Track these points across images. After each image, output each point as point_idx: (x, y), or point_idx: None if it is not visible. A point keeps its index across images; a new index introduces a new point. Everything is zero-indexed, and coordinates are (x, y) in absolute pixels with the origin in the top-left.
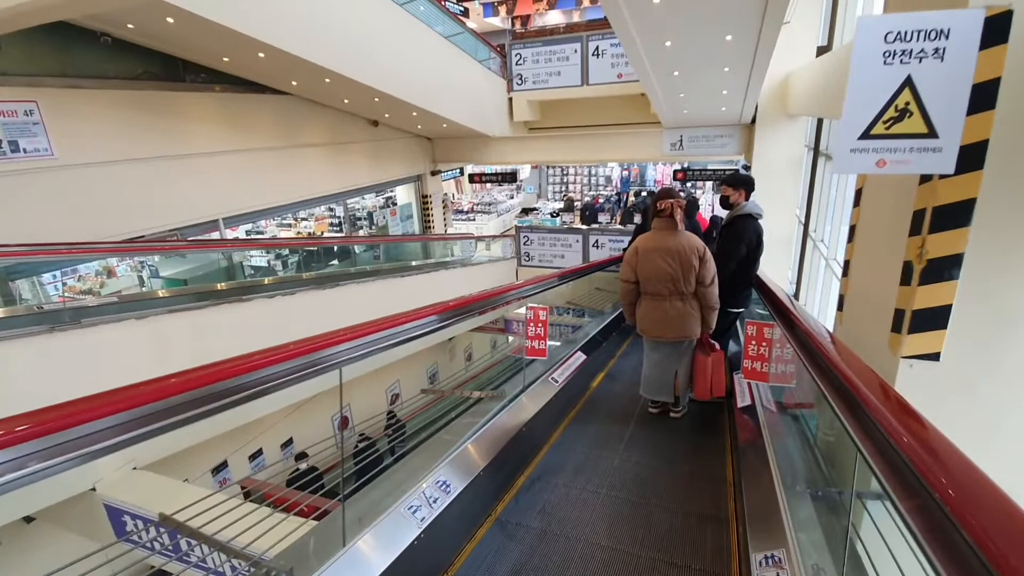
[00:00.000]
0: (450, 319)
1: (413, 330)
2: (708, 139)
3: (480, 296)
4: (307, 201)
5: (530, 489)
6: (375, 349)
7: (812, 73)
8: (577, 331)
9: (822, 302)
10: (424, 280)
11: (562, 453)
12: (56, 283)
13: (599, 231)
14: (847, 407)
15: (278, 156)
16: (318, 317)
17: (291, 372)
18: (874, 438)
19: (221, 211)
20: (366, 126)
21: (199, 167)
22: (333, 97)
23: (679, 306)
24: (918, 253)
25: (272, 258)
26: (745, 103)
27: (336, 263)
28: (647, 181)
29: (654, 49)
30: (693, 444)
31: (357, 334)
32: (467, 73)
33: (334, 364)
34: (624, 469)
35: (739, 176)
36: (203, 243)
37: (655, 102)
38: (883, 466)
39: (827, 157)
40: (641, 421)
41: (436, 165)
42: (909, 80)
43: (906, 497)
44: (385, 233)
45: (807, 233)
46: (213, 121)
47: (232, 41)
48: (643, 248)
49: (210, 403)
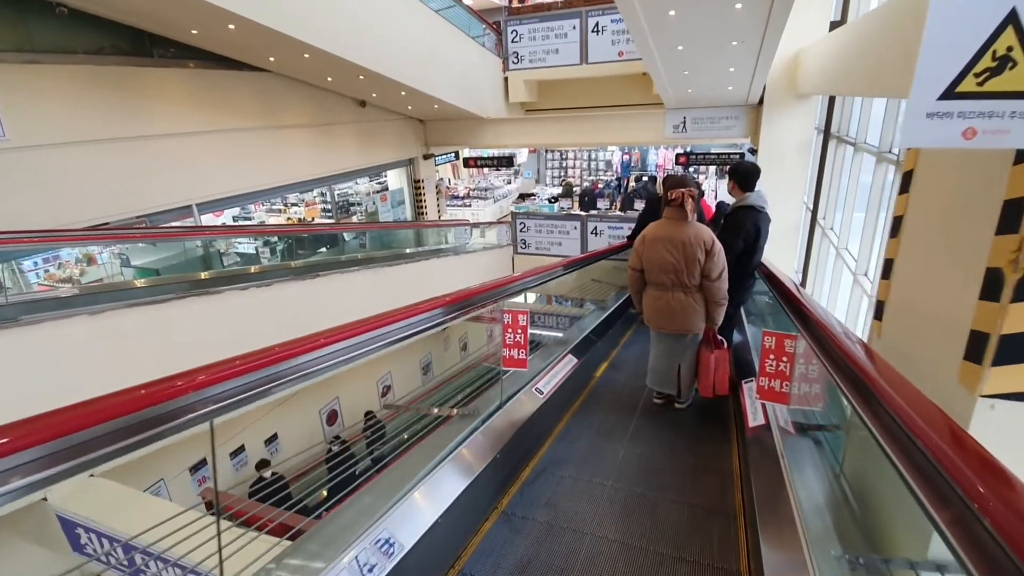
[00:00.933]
0: (418, 327)
1: (376, 339)
2: (713, 121)
3: (456, 297)
4: (291, 185)
5: (534, 483)
6: (336, 362)
7: (825, 48)
8: (571, 327)
9: (831, 293)
10: (414, 269)
11: (567, 444)
12: (37, 270)
13: (598, 217)
14: (902, 455)
15: (258, 137)
16: (294, 310)
17: (236, 393)
18: (949, 503)
19: (194, 196)
20: (353, 106)
21: (170, 149)
22: (316, 75)
23: (681, 298)
24: (1013, 259)
25: (260, 245)
26: (753, 81)
27: (325, 251)
28: (648, 166)
29: (657, 19)
30: (698, 436)
31: (314, 344)
32: (460, 50)
33: (288, 381)
34: (629, 461)
35: (737, 166)
36: (177, 231)
37: (658, 81)
38: (967, 548)
39: (838, 140)
40: (646, 412)
41: (429, 148)
42: (1014, 15)
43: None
44: (375, 220)
45: (815, 220)
46: (185, 99)
47: (197, 11)
48: (650, 237)
49: (136, 434)
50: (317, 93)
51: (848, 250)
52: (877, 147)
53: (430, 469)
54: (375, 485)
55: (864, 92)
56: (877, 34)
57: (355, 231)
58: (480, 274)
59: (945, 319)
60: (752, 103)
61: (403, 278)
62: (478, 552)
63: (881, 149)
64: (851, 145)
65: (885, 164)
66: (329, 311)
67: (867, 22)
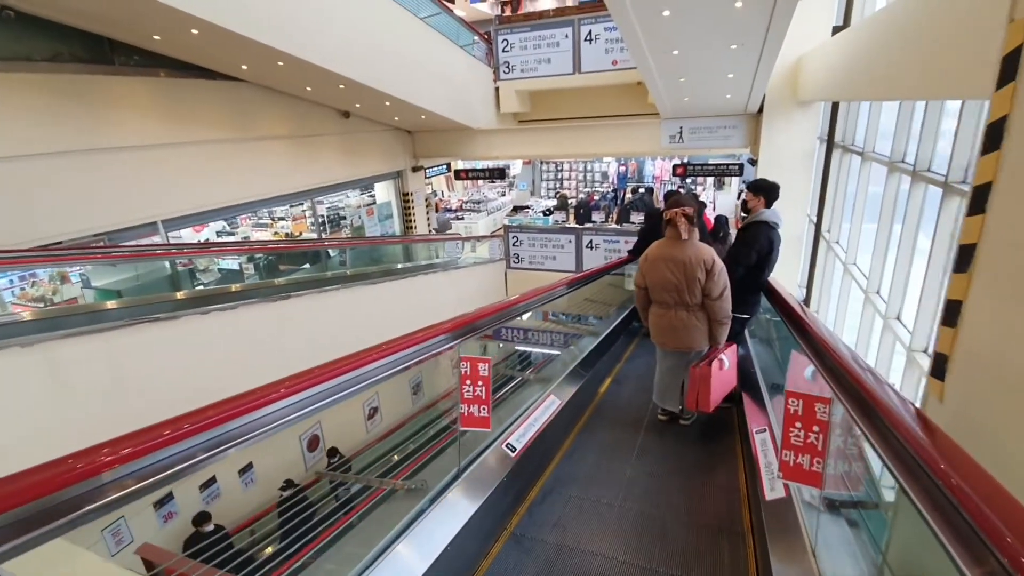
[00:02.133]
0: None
1: (344, 385)
2: (711, 131)
3: (427, 335)
4: (269, 199)
5: (543, 501)
6: (297, 416)
7: (830, 53)
8: (556, 360)
9: (839, 312)
10: (399, 287)
11: (573, 464)
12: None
13: (593, 231)
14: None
15: (232, 149)
16: (261, 335)
17: (160, 469)
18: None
19: (160, 212)
20: (336, 117)
21: (133, 162)
22: (293, 84)
23: (683, 317)
24: None
25: (244, 261)
26: (753, 89)
27: (307, 267)
28: (645, 177)
29: (651, 22)
30: (704, 452)
31: (265, 398)
32: (447, 59)
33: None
34: (636, 480)
35: (761, 183)
36: (139, 251)
37: (653, 90)
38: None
39: (843, 149)
40: (651, 429)
41: (418, 160)
42: None
43: None
44: (361, 235)
45: (819, 233)
46: (151, 110)
47: (153, 14)
48: (652, 256)
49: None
50: (297, 103)
51: (857, 265)
52: (889, 156)
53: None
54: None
55: (876, 96)
56: (891, 34)
57: (338, 247)
58: (471, 290)
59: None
60: (751, 112)
61: (388, 296)
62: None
63: (893, 159)
64: (858, 155)
65: (898, 174)
66: (297, 336)
67: (878, 22)
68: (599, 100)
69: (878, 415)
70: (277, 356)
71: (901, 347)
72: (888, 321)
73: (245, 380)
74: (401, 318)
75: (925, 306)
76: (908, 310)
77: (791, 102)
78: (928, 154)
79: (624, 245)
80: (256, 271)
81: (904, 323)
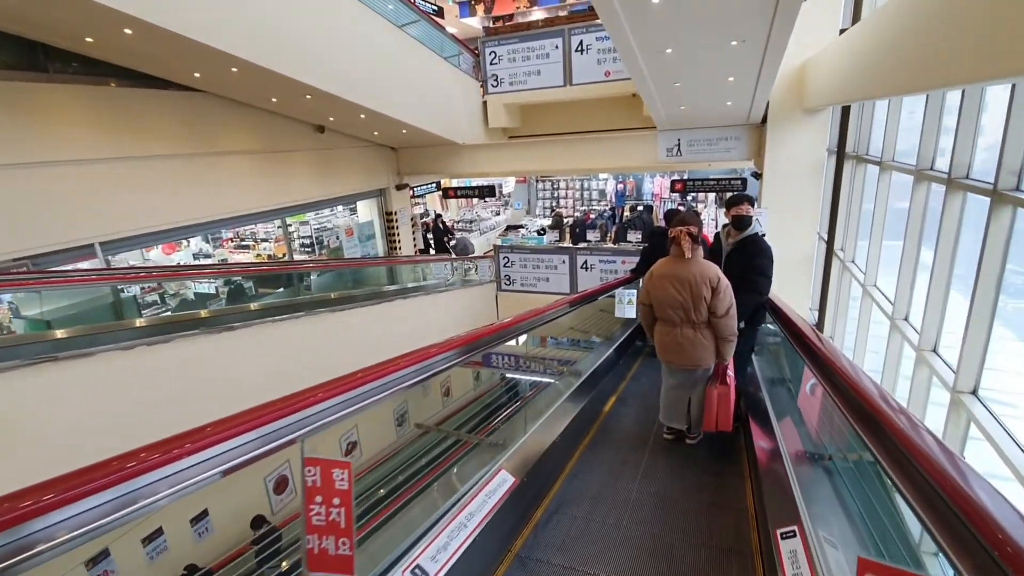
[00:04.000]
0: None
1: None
2: (710, 143)
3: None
4: (231, 219)
5: (547, 523)
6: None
7: (839, 51)
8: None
9: (858, 339)
10: (373, 314)
11: (579, 481)
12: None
13: (588, 251)
14: None
15: (188, 165)
16: (193, 373)
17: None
18: None
19: (99, 233)
20: (310, 132)
21: (69, 178)
22: (255, 94)
23: (689, 334)
24: None
25: (222, 285)
26: (756, 95)
27: (280, 291)
28: (644, 195)
29: (640, 18)
30: (710, 472)
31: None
32: (429, 70)
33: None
34: (642, 500)
35: (743, 193)
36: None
37: (647, 97)
38: None
39: (857, 159)
40: (656, 448)
41: (402, 178)
42: None
43: None
44: (339, 256)
45: (831, 252)
46: (93, 121)
47: (73, 10)
48: (656, 273)
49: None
50: (265, 116)
51: (879, 288)
52: (915, 164)
53: None
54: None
55: (910, 88)
56: (931, 10)
57: (308, 271)
58: (457, 314)
59: None
60: (754, 122)
61: (360, 323)
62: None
63: (920, 166)
64: (875, 165)
65: (927, 184)
66: (243, 372)
67: (902, 7)
68: (592, 114)
69: (916, 467)
70: (222, 393)
71: (941, 385)
72: (923, 354)
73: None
74: (373, 347)
75: (974, 338)
76: (948, 342)
77: (797, 110)
78: (966, 158)
79: (622, 266)
80: (231, 297)
81: (943, 357)
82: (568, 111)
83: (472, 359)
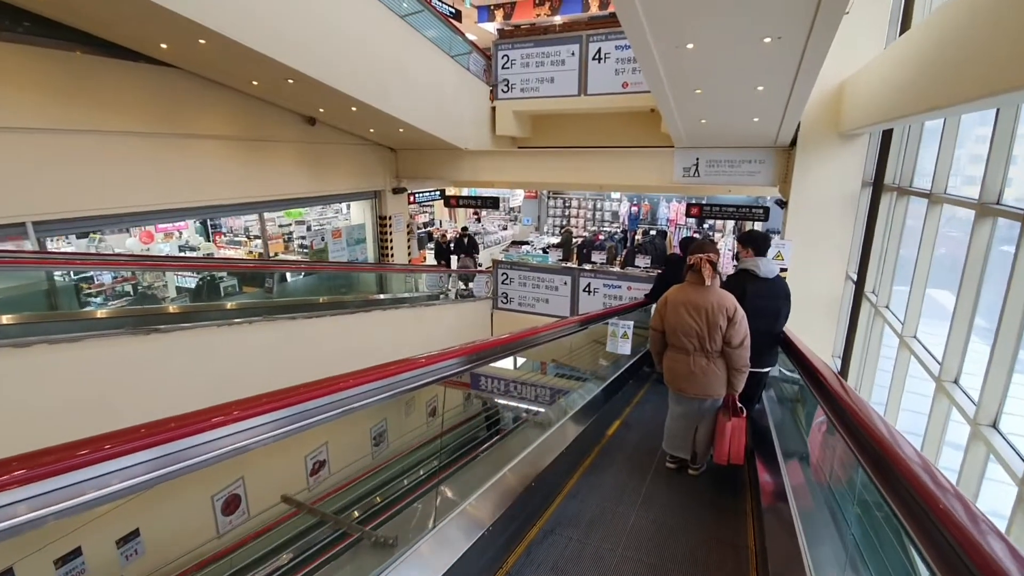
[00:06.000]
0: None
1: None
2: (732, 164)
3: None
4: (201, 209)
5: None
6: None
7: (887, 64)
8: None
9: (892, 394)
10: (340, 325)
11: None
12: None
13: (592, 273)
14: None
15: (152, 145)
16: (116, 378)
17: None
18: None
19: (33, 211)
20: (300, 123)
21: (4, 147)
22: (232, 74)
23: (703, 363)
24: None
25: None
26: (787, 111)
27: (243, 293)
28: (659, 219)
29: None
30: (711, 505)
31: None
32: (433, 68)
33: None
34: (640, 527)
35: (752, 234)
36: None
37: (662, 102)
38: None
39: (899, 191)
40: (658, 475)
41: (400, 181)
42: None
43: None
44: (322, 259)
45: (861, 294)
46: (37, 85)
47: None
48: (672, 300)
49: None
50: (248, 101)
51: (918, 339)
52: (978, 198)
53: None
54: None
55: (975, 94)
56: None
57: (270, 271)
58: (442, 332)
59: None
60: (782, 144)
61: (315, 335)
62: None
63: (985, 200)
64: (922, 197)
65: (992, 220)
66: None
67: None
68: (606, 129)
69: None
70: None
71: (1002, 470)
72: (978, 428)
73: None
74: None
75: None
76: (1012, 408)
77: (831, 134)
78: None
79: (627, 292)
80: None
81: (1003, 433)
82: (580, 124)
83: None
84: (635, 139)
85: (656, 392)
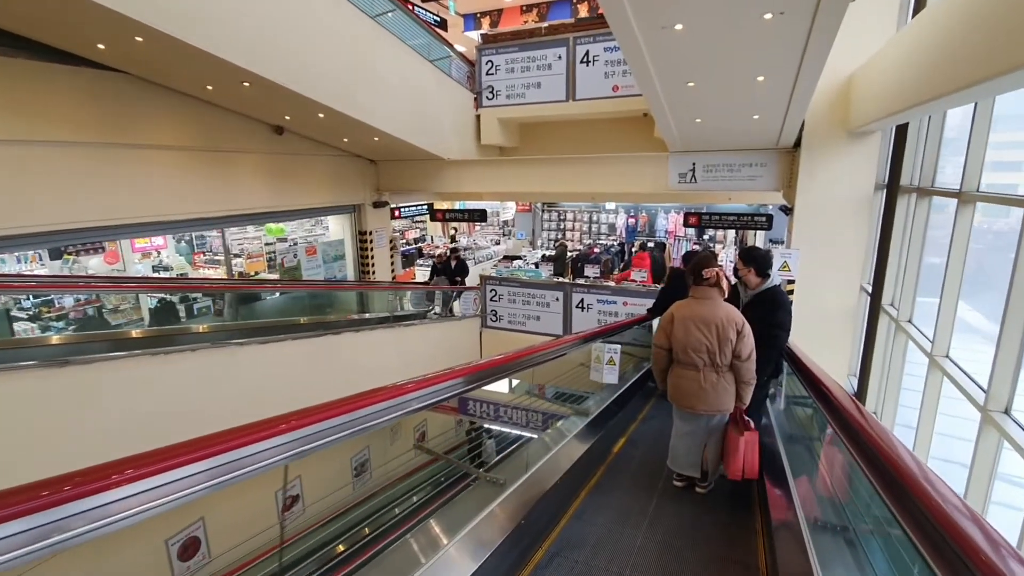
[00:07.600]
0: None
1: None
2: (731, 168)
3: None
4: (153, 225)
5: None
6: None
7: (906, 44)
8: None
9: (923, 421)
10: (317, 347)
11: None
12: None
13: (585, 288)
14: None
15: (95, 156)
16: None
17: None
18: None
19: None
20: (266, 132)
21: None
22: (183, 78)
23: (713, 379)
24: None
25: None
26: (791, 105)
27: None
28: (658, 231)
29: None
30: (720, 523)
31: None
32: (409, 72)
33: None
34: (648, 548)
35: (752, 251)
36: None
37: (651, 97)
38: None
39: (918, 192)
40: (665, 494)
41: (381, 195)
42: None
43: None
44: (295, 277)
45: (878, 307)
46: None
47: None
48: (679, 316)
49: None
50: (204, 108)
51: (952, 359)
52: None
53: None
54: None
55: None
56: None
57: (226, 291)
58: (429, 353)
59: None
60: (785, 145)
61: (277, 359)
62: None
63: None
64: (951, 197)
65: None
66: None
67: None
68: (597, 135)
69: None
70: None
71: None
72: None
73: None
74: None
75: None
76: None
77: (839, 132)
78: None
79: (623, 308)
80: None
81: None
82: (570, 131)
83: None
84: (628, 145)
85: (660, 407)
